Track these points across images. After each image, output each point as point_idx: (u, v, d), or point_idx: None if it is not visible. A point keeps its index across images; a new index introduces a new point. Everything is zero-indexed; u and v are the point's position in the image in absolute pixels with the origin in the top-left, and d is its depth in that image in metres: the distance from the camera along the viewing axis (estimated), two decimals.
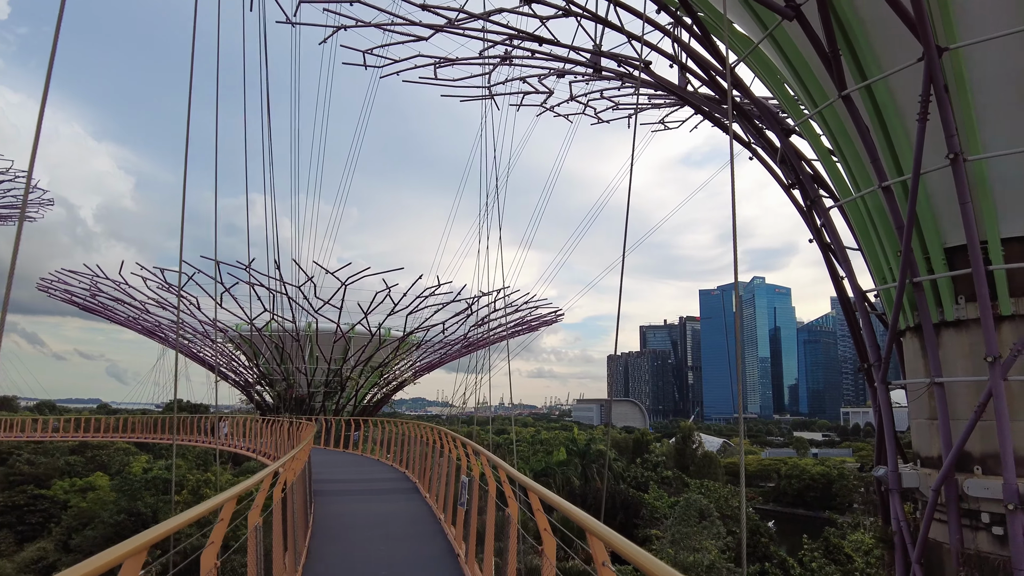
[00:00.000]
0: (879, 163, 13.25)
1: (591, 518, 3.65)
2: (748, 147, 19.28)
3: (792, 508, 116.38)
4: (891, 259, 14.43)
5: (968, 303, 13.05)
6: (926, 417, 13.94)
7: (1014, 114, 12.30)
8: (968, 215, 11.94)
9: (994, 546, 12.17)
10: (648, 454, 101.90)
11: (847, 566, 54.93)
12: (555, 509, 4.94)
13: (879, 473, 14.19)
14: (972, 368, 12.95)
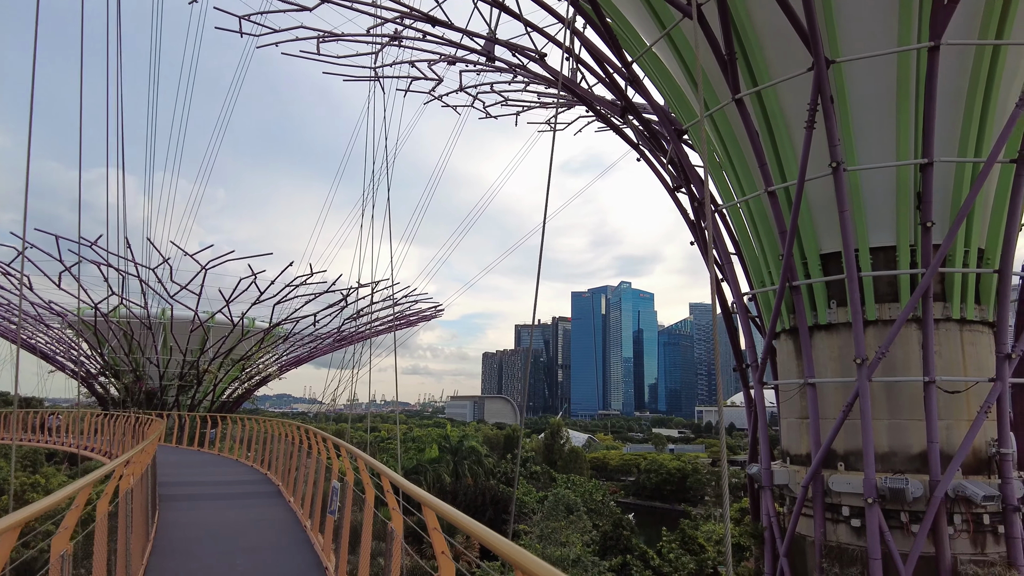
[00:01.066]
0: (766, 168, 13.60)
1: (505, 541, 2.87)
2: (636, 148, 19.44)
3: (650, 501, 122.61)
4: (771, 263, 14.92)
5: (839, 307, 13.70)
6: (796, 416, 14.53)
7: (884, 129, 13.01)
8: (846, 223, 12.47)
9: (852, 537, 12.83)
10: (517, 450, 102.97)
11: (700, 556, 58.15)
12: (456, 528, 4.08)
13: (752, 471, 14.63)
14: (840, 370, 13.61)
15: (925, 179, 12.36)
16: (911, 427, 12.77)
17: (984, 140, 12.76)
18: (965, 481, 12.02)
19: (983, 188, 12.48)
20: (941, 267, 12.40)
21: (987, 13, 12.13)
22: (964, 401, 12.78)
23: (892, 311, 13.11)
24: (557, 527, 49.38)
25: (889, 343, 12.35)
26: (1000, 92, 12.60)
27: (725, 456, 8.14)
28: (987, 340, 13.39)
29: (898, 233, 13.07)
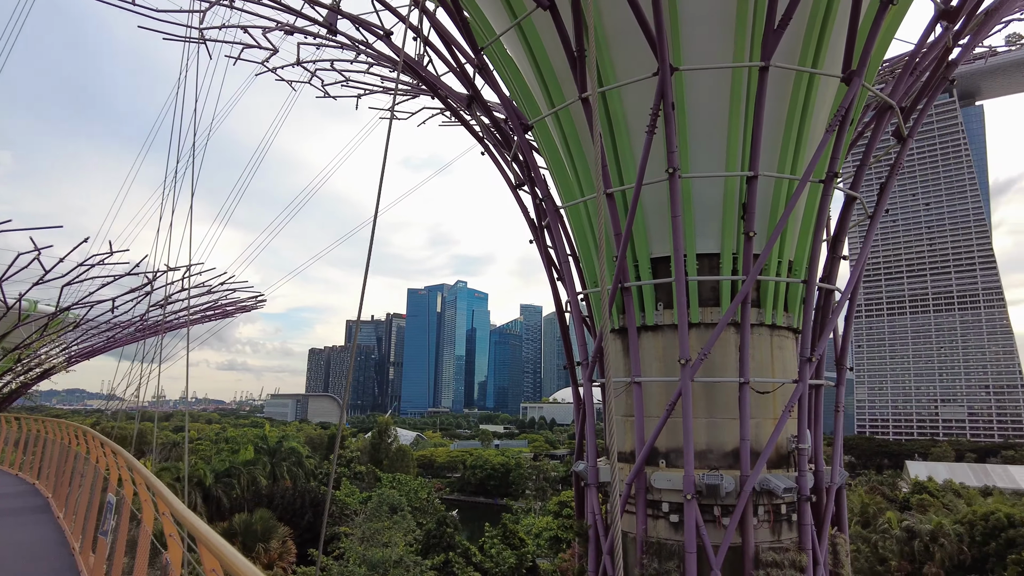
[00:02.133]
0: (606, 170, 13.72)
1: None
2: (481, 141, 19.02)
3: (475, 497, 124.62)
4: (606, 264, 15.13)
5: (665, 309, 14.19)
6: (622, 415, 14.86)
7: (716, 141, 13.66)
8: (678, 229, 12.87)
9: (670, 532, 13.30)
10: (343, 449, 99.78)
11: (521, 550, 59.63)
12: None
13: (578, 468, 14.74)
14: (664, 369, 14.09)
15: (750, 191, 13.14)
16: (726, 425, 13.54)
17: (799, 160, 13.85)
18: (769, 475, 12.93)
19: (795, 204, 13.53)
20: (759, 276, 13.26)
21: (806, 43, 13.16)
22: (771, 401, 13.79)
23: (714, 315, 13.81)
24: (380, 528, 47.99)
25: (711, 345, 12.97)
26: (813, 117, 13.74)
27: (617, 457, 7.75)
28: (791, 344, 14.61)
29: (723, 241, 13.81)
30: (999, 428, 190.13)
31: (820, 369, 13.93)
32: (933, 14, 13.72)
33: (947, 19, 13.60)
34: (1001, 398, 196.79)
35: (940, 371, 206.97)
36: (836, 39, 13.31)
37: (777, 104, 13.42)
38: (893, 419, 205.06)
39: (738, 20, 12.84)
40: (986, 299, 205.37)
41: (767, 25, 12.26)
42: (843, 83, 13.21)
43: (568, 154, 15.27)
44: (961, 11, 13.53)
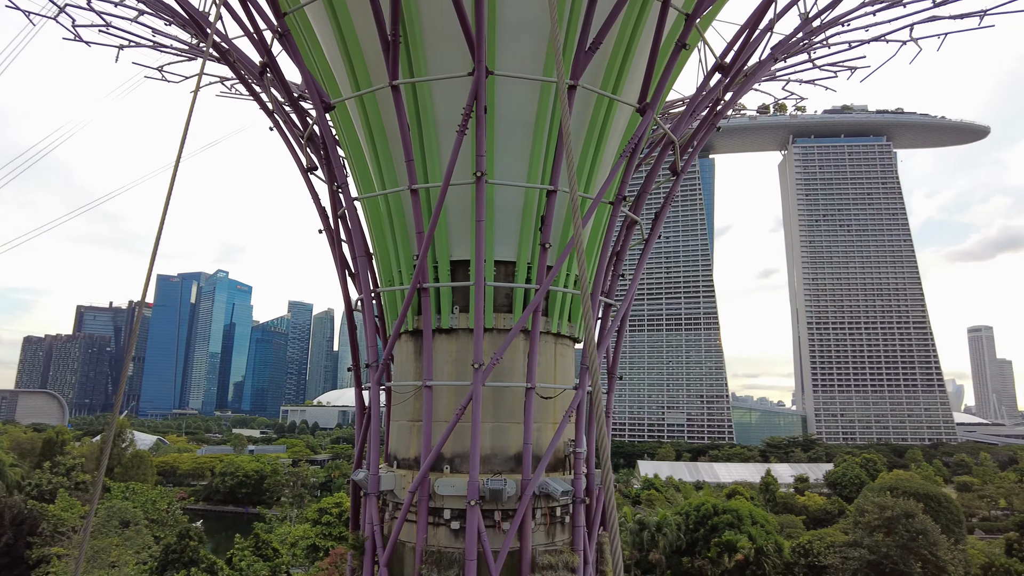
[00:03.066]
0: (412, 165, 13.24)
1: None
2: (271, 115, 17.31)
3: (223, 506, 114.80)
4: (403, 263, 14.61)
5: (461, 313, 14.06)
6: (408, 419, 14.39)
7: (520, 151, 13.91)
8: (481, 233, 12.82)
9: (451, 540, 13.11)
10: (62, 456, 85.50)
11: (275, 560, 55.92)
12: None
13: (358, 476, 13.94)
14: (456, 373, 13.93)
15: (548, 205, 13.57)
16: (510, 430, 13.76)
17: (592, 180, 14.66)
18: (548, 479, 13.37)
19: (588, 221, 14.29)
20: (551, 287, 13.73)
21: (608, 70, 14.00)
22: (551, 407, 14.34)
23: (507, 321, 14.01)
24: (107, 545, 41.63)
25: (503, 350, 13.09)
26: (608, 141, 14.66)
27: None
28: (571, 353, 15.37)
29: (519, 250, 14.08)
30: (708, 432, 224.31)
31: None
32: (713, 64, 15.48)
33: (722, 72, 15.44)
34: (711, 407, 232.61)
35: (667, 382, 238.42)
36: (635, 71, 14.37)
37: (576, 124, 14.07)
38: (629, 423, 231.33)
39: (551, 37, 13.21)
40: (706, 322, 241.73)
41: (579, 46, 12.80)
42: (638, 113, 14.29)
43: (371, 143, 14.48)
44: (733, 67, 15.45)
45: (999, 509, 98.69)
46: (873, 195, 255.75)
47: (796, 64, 27.06)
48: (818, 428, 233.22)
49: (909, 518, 54.43)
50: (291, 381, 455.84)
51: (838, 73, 30.38)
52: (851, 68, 29.88)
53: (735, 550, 57.37)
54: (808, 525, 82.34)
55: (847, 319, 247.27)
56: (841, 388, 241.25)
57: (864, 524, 56.53)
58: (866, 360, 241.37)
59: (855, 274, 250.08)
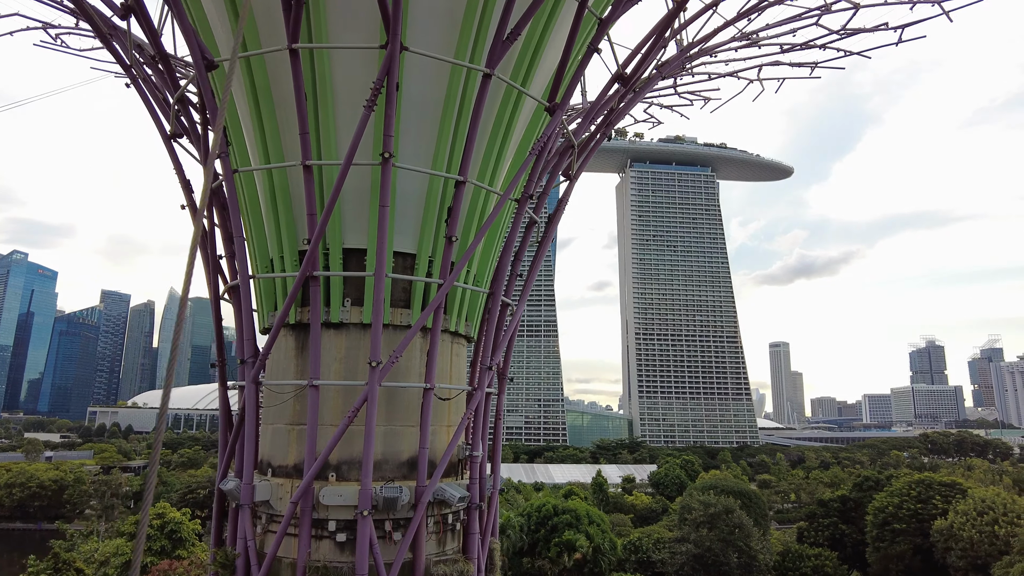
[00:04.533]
0: (307, 138, 11.94)
1: None
2: (129, 70, 14.92)
3: (9, 523, 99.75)
4: (286, 248, 13.16)
5: (353, 307, 12.91)
6: (286, 423, 12.95)
7: (426, 137, 13.10)
8: (384, 220, 11.83)
9: (336, 554, 11.91)
10: None
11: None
12: None
13: (227, 487, 12.24)
14: (345, 372, 12.76)
15: (456, 196, 12.86)
16: (404, 433, 12.82)
17: (497, 174, 14.18)
18: (444, 484, 12.61)
19: (496, 217, 13.76)
20: (456, 283, 13.00)
21: (519, 63, 13.62)
22: (446, 409, 13.59)
23: (404, 317, 13.07)
24: None
25: (403, 348, 12.16)
26: (513, 136, 14.26)
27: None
28: (465, 352, 14.73)
29: (421, 242, 13.21)
30: (544, 434, 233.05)
31: (492, 378, 14.28)
32: (614, 73, 15.63)
33: (621, 82, 15.66)
34: (547, 410, 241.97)
35: (508, 386, 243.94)
36: (542, 69, 14.12)
37: (484, 116, 13.50)
38: None
39: (465, 21, 12.60)
40: (546, 330, 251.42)
41: (497, 34, 12.28)
42: (546, 111, 14.04)
43: (255, 111, 12.88)
44: (632, 78, 15.72)
45: (790, 502, 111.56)
46: (698, 220, 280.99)
47: (660, 89, 28.67)
48: (643, 431, 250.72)
49: (729, 513, 59.72)
50: (101, 379, 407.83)
51: (693, 102, 32.59)
52: (706, 98, 32.14)
53: (574, 549, 59.49)
54: (635, 523, 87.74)
55: (670, 331, 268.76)
56: (663, 394, 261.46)
57: (691, 520, 61.13)
58: (686, 369, 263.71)
59: (679, 290, 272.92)
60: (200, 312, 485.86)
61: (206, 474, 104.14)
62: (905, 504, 59.88)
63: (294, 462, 12.64)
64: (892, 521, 59.48)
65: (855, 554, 63.41)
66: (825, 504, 72.42)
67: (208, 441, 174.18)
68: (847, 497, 71.40)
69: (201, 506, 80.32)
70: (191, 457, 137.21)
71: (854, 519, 67.60)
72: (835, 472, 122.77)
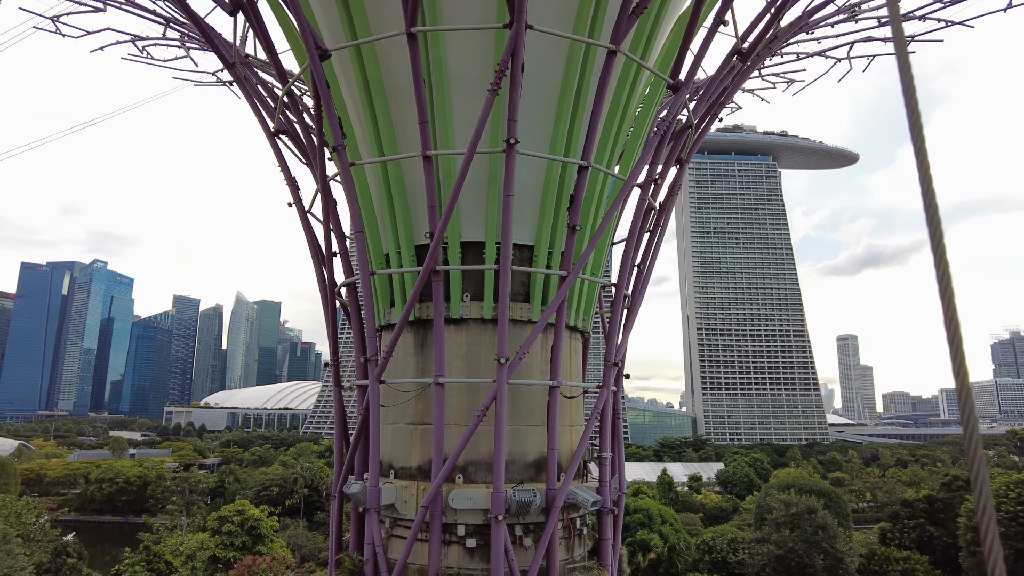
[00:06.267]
0: (426, 128, 11.45)
1: None
2: (231, 67, 14.84)
3: (99, 516, 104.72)
4: (402, 243, 12.74)
5: (473, 302, 12.40)
6: (408, 422, 12.53)
7: (544, 121, 12.45)
8: (508, 210, 11.23)
9: (465, 560, 11.42)
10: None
11: (172, 575, 50.94)
12: None
13: (352, 490, 11.88)
14: (467, 369, 12.25)
15: (579, 182, 12.18)
16: (529, 433, 12.23)
17: (614, 157, 13.43)
18: (575, 488, 11.96)
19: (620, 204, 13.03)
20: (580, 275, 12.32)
21: (636, 38, 12.81)
22: (568, 408, 12.94)
23: (523, 311, 12.47)
24: None
25: (531, 343, 11.56)
26: (629, 118, 13.48)
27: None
28: (580, 348, 14.04)
29: (539, 233, 12.58)
30: None
31: (616, 376, 13.53)
32: (732, 48, 14.66)
33: (739, 57, 14.67)
34: None
35: None
36: (658, 45, 13.29)
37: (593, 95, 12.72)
38: None
39: None
40: None
41: (622, 8, 11.52)
42: (670, 89, 13.21)
43: (367, 102, 12.48)
44: (750, 53, 14.71)
45: (865, 502, 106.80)
46: (760, 210, 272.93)
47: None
48: (707, 429, 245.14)
49: (811, 513, 57.26)
50: (175, 381, 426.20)
51: (776, 84, 30.92)
52: (790, 80, 30.43)
53: (648, 549, 58.21)
54: (705, 522, 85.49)
55: (734, 326, 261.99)
56: (728, 391, 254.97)
57: (771, 521, 58.88)
58: (751, 364, 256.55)
59: (742, 283, 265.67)
60: (265, 315, 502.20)
61: (277, 472, 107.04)
62: (1003, 506, 56.22)
63: (418, 463, 12.20)
64: None
65: (946, 558, 59.85)
66: (910, 504, 68.70)
67: (277, 439, 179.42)
68: (934, 497, 67.55)
69: (274, 503, 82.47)
70: (262, 455, 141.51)
71: (943, 521, 63.87)
72: (914, 471, 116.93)
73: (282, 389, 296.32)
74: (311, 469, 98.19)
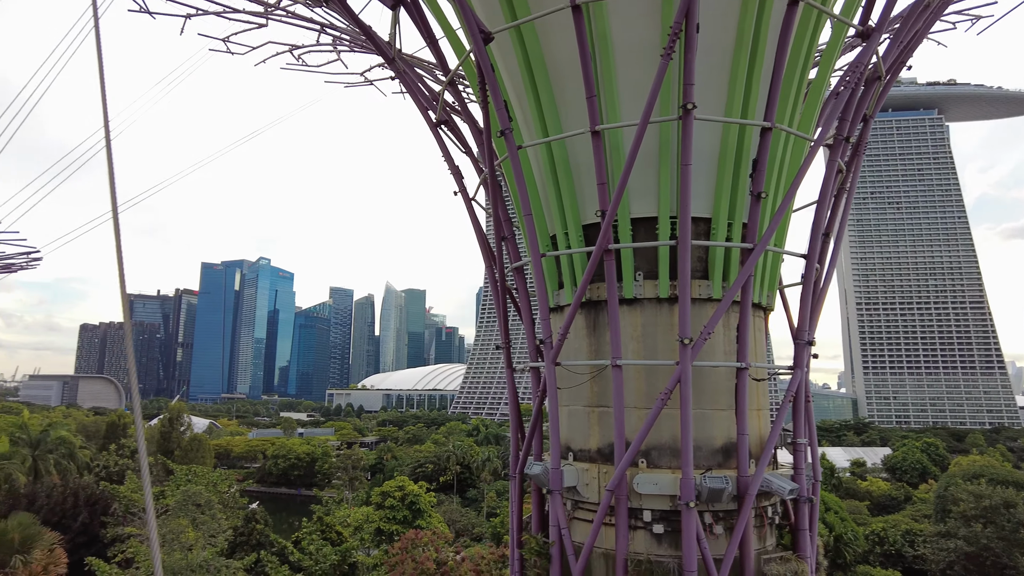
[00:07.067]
0: (594, 101, 11.05)
1: None
2: (390, 62, 15.26)
3: (276, 488, 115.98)
4: (569, 222, 12.49)
5: (646, 280, 11.91)
6: (584, 405, 12.34)
7: (718, 82, 11.63)
8: (687, 180, 10.59)
9: (652, 546, 11.08)
10: (125, 438, 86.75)
11: (343, 545, 55.23)
12: None
13: (535, 471, 11.94)
14: (642, 351, 11.82)
15: (763, 145, 11.27)
16: (714, 417, 11.62)
17: (795, 115, 12.33)
18: (769, 475, 11.22)
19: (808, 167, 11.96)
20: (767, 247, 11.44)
21: None
22: (755, 391, 12.14)
23: (703, 289, 11.80)
24: (180, 527, 41.09)
25: (715, 323, 10.91)
26: (808, 71, 12.29)
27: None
28: (763, 326, 13.14)
29: (717, 203, 11.81)
30: None
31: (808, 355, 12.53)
32: None
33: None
34: None
35: None
36: None
37: (781, 52, 11.65)
38: None
39: None
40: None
41: None
42: (859, 37, 11.90)
43: (529, 81, 12.31)
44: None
45: None
46: (924, 170, 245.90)
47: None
48: (870, 411, 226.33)
49: (1009, 508, 50.97)
50: (335, 365, 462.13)
51: (957, 24, 27.11)
52: (976, 16, 26.54)
53: None
54: (872, 511, 79.04)
55: (899, 299, 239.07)
56: (893, 370, 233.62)
57: (958, 513, 53.19)
58: (920, 341, 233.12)
59: (906, 253, 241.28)
60: (412, 302, 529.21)
61: (430, 449, 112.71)
62: None
63: (596, 446, 11.99)
64: None
65: None
66: None
67: (428, 419, 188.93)
68: None
69: (429, 479, 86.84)
70: (415, 434, 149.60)
71: None
72: None
73: (430, 371, 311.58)
74: (461, 447, 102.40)
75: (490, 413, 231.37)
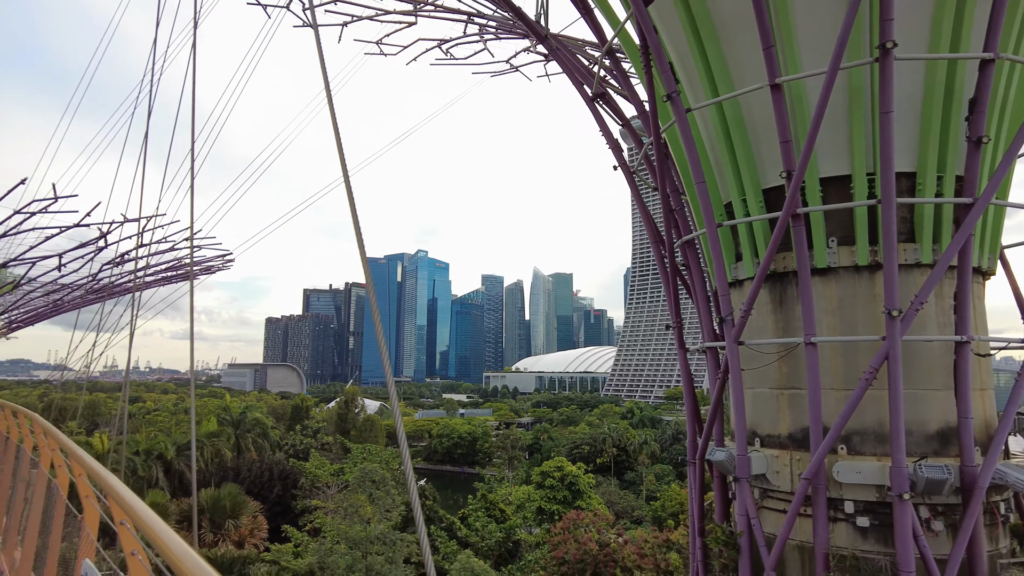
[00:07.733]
0: (771, 52, 10.02)
1: None
2: (544, 41, 15.03)
3: (441, 465, 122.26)
4: (748, 187, 11.52)
5: (840, 247, 10.69)
6: (771, 387, 11.40)
7: (916, 12, 10.07)
8: (889, 129, 9.28)
9: (855, 540, 10.01)
10: (308, 420, 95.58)
11: (505, 522, 56.90)
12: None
13: (718, 456, 11.25)
14: (839, 326, 10.66)
15: (983, 81, 9.65)
16: (927, 398, 10.23)
17: (1021, 42, 10.43)
18: (1003, 465, 9.71)
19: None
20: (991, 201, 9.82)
21: None
22: (977, 367, 10.54)
23: (910, 253, 10.39)
24: (360, 502, 44.44)
25: (929, 291, 9.56)
26: None
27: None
28: (983, 294, 11.39)
29: (923, 154, 10.31)
30: None
31: None
32: None
33: None
34: None
35: None
36: None
37: None
38: None
39: None
40: None
41: None
42: None
43: (695, 40, 11.46)
44: None
45: None
46: None
47: None
48: None
49: None
50: (489, 349, 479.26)
51: None
52: None
53: None
54: None
55: None
56: None
57: None
58: None
59: None
60: (559, 286, 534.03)
61: (584, 431, 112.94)
62: None
63: (786, 431, 11.03)
64: None
65: None
66: None
67: (580, 401, 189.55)
68: None
69: (586, 460, 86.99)
70: (569, 415, 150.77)
71: None
72: None
73: (581, 354, 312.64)
74: (617, 430, 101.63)
75: (644, 396, 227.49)
